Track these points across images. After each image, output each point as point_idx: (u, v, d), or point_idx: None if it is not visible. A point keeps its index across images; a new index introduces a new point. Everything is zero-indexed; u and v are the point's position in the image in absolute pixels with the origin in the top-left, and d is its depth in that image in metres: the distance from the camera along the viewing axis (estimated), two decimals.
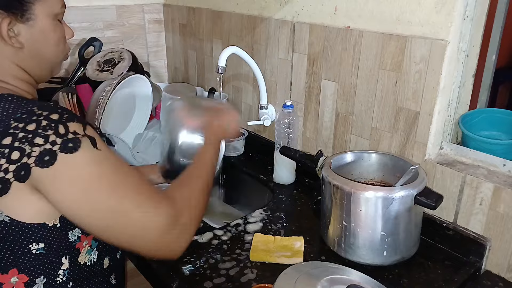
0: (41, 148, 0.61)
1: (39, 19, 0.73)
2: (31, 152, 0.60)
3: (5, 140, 0.61)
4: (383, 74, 1.05)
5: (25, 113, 0.63)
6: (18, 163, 0.60)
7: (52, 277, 0.70)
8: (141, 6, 1.86)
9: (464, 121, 1.05)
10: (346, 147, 1.20)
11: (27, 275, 0.68)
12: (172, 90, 1.62)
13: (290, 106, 1.24)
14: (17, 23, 0.70)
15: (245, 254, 0.98)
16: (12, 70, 0.73)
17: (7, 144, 0.60)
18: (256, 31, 1.41)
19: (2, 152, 0.60)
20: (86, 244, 0.75)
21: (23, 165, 0.60)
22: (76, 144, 0.62)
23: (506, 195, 0.89)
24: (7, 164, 0.60)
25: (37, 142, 0.61)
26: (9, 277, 0.67)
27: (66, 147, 0.61)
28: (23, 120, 0.62)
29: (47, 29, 0.74)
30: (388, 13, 1.02)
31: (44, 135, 0.61)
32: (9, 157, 0.60)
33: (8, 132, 0.61)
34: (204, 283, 0.88)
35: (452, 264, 0.95)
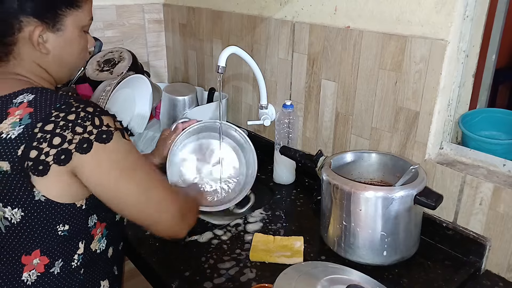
0: (81, 136, 0.67)
1: (68, 30, 0.78)
2: (72, 139, 0.67)
3: (47, 127, 0.67)
4: (383, 74, 1.05)
5: (63, 104, 0.69)
6: (59, 148, 0.67)
7: (68, 261, 0.76)
8: (141, 6, 1.86)
9: (464, 121, 1.05)
10: (346, 147, 1.20)
11: (48, 257, 0.73)
12: (172, 90, 1.62)
13: (290, 106, 1.24)
14: (48, 31, 0.76)
15: (245, 254, 0.98)
16: (36, 70, 0.79)
17: (49, 130, 0.67)
18: (256, 31, 1.41)
19: (44, 137, 0.66)
20: (99, 231, 0.80)
21: (64, 150, 0.67)
22: (109, 136, 0.70)
23: (506, 195, 0.89)
24: (48, 148, 0.66)
25: (77, 131, 0.67)
26: (32, 258, 0.72)
27: (100, 138, 0.69)
28: (63, 110, 0.68)
29: (74, 40, 0.80)
30: (388, 13, 1.02)
31: (83, 125, 0.68)
32: (51, 142, 0.66)
33: (50, 119, 0.67)
34: (204, 283, 0.88)
35: (452, 264, 0.95)
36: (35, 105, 0.69)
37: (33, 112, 0.68)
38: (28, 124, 0.67)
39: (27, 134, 0.67)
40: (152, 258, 0.97)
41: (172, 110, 1.57)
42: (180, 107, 1.56)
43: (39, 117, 0.67)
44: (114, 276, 0.87)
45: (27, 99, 0.70)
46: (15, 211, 0.69)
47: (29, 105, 0.69)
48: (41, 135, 0.66)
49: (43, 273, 0.73)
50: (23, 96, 0.71)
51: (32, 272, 0.72)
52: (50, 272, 0.74)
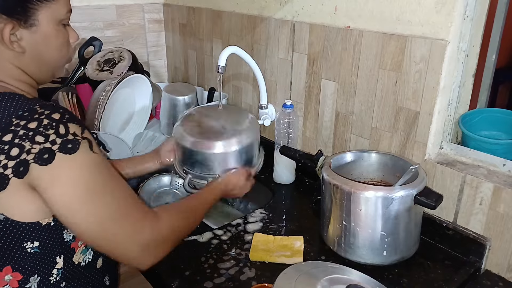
0: (41, 146, 0.62)
1: (43, 25, 0.72)
2: (31, 149, 0.61)
3: (5, 137, 0.62)
4: (383, 74, 1.05)
5: (27, 111, 0.64)
6: (17, 159, 0.61)
7: (46, 276, 0.70)
8: (141, 5, 1.86)
9: (464, 121, 1.05)
10: (346, 147, 1.20)
11: (21, 273, 0.68)
12: (172, 89, 1.62)
13: (290, 106, 1.24)
14: (20, 28, 0.70)
15: (245, 254, 0.98)
16: (12, 72, 0.73)
17: (7, 141, 0.62)
18: (256, 31, 1.41)
19: (1, 149, 0.61)
20: (81, 244, 0.75)
21: (22, 161, 0.61)
22: (75, 146, 0.64)
23: (506, 195, 0.89)
24: (6, 160, 0.61)
25: (37, 140, 0.62)
26: (3, 274, 0.67)
27: (65, 148, 0.63)
28: (25, 118, 0.63)
29: (50, 35, 0.74)
30: (388, 13, 1.02)
31: (44, 133, 0.62)
32: (8, 154, 0.61)
33: (9, 129, 0.62)
34: (204, 282, 0.88)
35: (452, 264, 0.95)
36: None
37: None
38: None
39: None
40: None
41: (172, 110, 1.57)
42: (180, 107, 1.56)
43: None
44: (105, 286, 0.82)
45: None
46: None
47: None
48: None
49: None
50: None
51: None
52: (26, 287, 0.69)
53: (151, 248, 0.73)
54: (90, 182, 0.65)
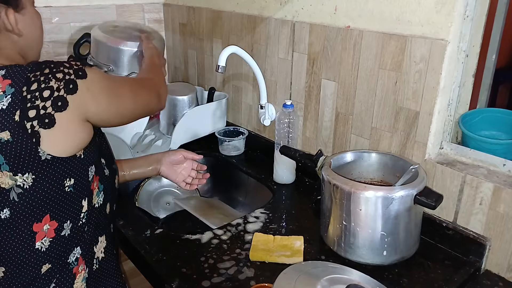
0: (64, 80, 0.72)
1: (27, 7, 0.82)
2: (59, 86, 0.71)
3: (32, 87, 0.70)
4: (383, 74, 1.05)
5: (33, 66, 0.72)
6: (52, 98, 0.71)
7: (75, 220, 0.79)
8: (141, 5, 1.86)
9: (464, 121, 1.05)
10: (346, 147, 1.20)
11: (57, 221, 0.76)
12: (172, 89, 1.61)
13: (290, 105, 1.24)
14: (15, 13, 0.79)
15: (245, 254, 0.98)
16: (15, 58, 0.81)
17: (35, 89, 0.70)
18: (256, 30, 1.41)
19: (35, 96, 0.70)
20: (96, 185, 0.83)
21: (57, 98, 0.71)
22: (84, 72, 0.75)
23: (506, 195, 0.89)
24: (43, 102, 0.70)
25: (58, 77, 0.72)
26: (42, 225, 0.74)
27: (78, 74, 0.74)
28: (37, 69, 0.72)
29: (34, 15, 0.84)
30: (388, 13, 1.02)
31: (60, 70, 0.73)
32: (42, 97, 0.70)
33: (31, 80, 0.71)
34: (202, 282, 0.89)
35: (452, 264, 0.95)
36: (10, 76, 0.71)
37: (12, 82, 0.71)
38: (13, 92, 0.70)
39: (18, 100, 0.69)
40: (152, 258, 0.97)
41: (172, 110, 1.57)
42: (180, 107, 1.56)
43: (20, 83, 0.70)
44: (110, 233, 0.90)
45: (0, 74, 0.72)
46: (26, 176, 0.71)
47: (4, 77, 0.71)
48: (31, 95, 0.70)
49: (54, 238, 0.76)
50: None
51: (44, 240, 0.75)
52: (61, 235, 0.77)
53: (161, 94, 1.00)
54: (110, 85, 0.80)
